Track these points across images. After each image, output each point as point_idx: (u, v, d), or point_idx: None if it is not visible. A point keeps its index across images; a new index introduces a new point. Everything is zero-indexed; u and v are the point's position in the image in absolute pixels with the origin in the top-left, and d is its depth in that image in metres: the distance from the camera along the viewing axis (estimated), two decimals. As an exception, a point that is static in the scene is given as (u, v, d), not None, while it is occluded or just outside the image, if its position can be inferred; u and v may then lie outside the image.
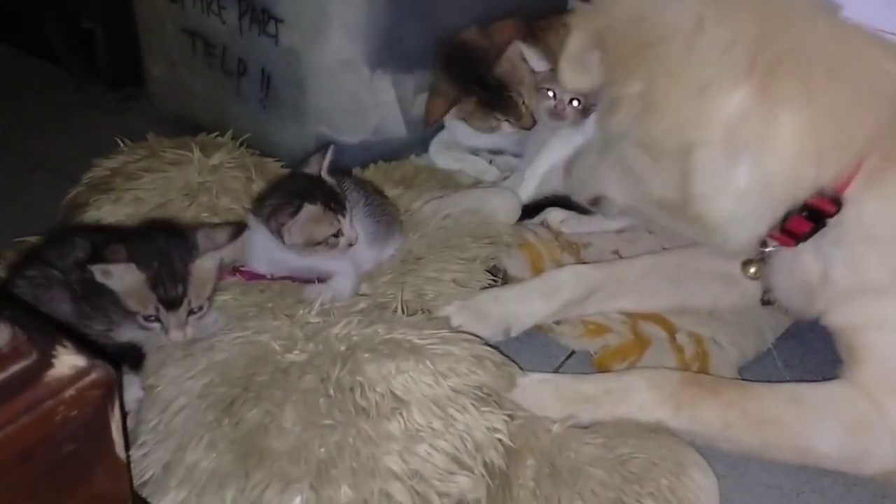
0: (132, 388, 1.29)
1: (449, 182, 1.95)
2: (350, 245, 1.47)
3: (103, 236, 1.38)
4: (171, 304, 1.28)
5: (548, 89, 1.81)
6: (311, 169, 1.49)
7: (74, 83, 2.38)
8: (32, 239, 1.62)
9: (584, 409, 1.38)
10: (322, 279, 1.52)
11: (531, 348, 1.62)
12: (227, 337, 1.30)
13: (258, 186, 1.68)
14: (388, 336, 1.23)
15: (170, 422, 1.19)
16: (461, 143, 2.02)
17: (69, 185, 1.96)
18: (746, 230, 1.33)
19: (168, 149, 1.71)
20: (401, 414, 1.14)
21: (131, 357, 1.33)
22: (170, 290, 1.27)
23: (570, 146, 1.77)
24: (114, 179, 1.67)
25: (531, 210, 1.82)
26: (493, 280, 1.66)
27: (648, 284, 1.66)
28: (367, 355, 1.19)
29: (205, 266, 1.31)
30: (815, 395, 1.33)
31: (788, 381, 1.57)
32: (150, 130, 2.19)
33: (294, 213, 1.40)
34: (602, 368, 1.57)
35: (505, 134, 1.97)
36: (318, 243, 1.44)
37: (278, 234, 1.44)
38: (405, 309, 1.45)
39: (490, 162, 2.00)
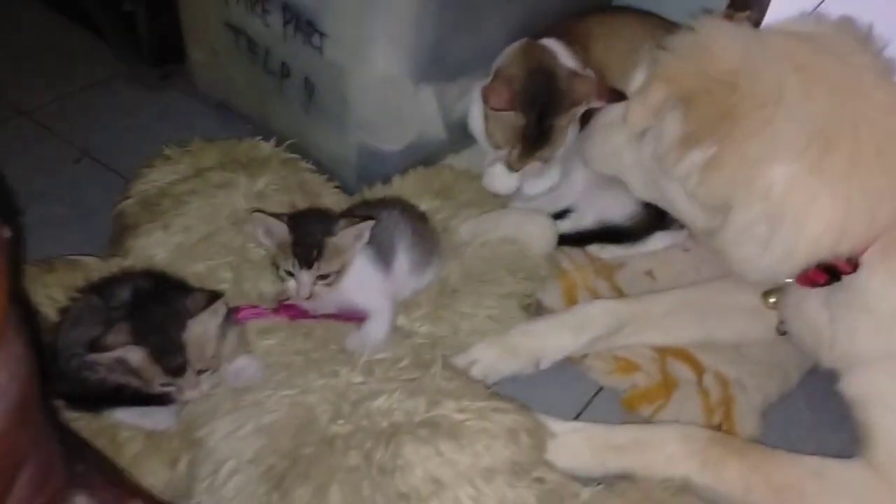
0: (160, 415, 1.41)
1: (486, 192, 1.96)
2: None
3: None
4: (176, 372, 1.34)
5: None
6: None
7: (120, 59, 2.38)
8: (86, 258, 1.69)
9: (613, 457, 1.46)
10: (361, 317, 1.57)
11: (561, 382, 1.68)
12: (275, 394, 1.37)
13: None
14: (427, 414, 1.29)
15: (222, 486, 1.27)
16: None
17: (114, 178, 2.04)
18: (763, 274, 1.43)
19: (214, 170, 1.74)
20: (438, 496, 1.21)
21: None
22: (171, 360, 1.33)
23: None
24: (162, 201, 1.71)
25: (576, 239, 1.85)
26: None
27: (675, 319, 1.71)
28: (407, 437, 1.25)
29: (196, 332, 1.35)
30: (836, 472, 1.39)
31: (810, 423, 1.66)
32: (193, 114, 2.26)
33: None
34: (629, 409, 1.64)
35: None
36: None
37: None
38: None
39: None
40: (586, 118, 1.77)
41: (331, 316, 1.58)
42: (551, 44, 1.89)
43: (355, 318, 1.58)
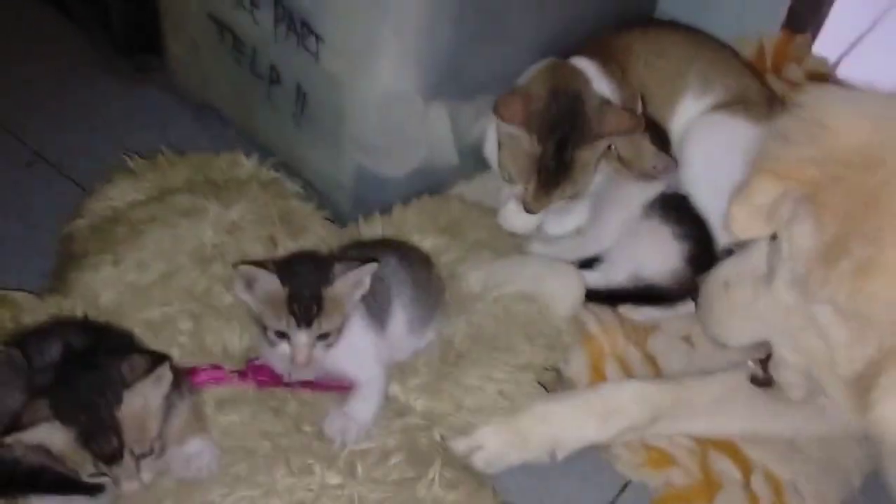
0: None
1: (499, 231, 1.68)
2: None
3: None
4: (110, 458, 1.08)
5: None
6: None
7: (92, 45, 2.10)
8: (18, 294, 1.42)
9: None
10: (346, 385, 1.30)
11: (581, 473, 1.43)
12: (232, 495, 1.11)
13: (284, 250, 1.44)
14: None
15: None
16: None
17: (69, 188, 1.78)
18: None
19: (180, 192, 1.45)
20: None
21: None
22: (103, 444, 1.07)
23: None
24: (116, 227, 1.43)
25: (604, 296, 1.58)
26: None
27: (721, 409, 1.44)
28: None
29: (133, 406, 1.09)
30: None
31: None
32: (168, 114, 1.98)
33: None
34: (662, 511, 1.37)
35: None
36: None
37: None
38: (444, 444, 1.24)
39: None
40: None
41: (308, 384, 1.31)
42: (584, 64, 1.62)
43: (338, 386, 1.31)
